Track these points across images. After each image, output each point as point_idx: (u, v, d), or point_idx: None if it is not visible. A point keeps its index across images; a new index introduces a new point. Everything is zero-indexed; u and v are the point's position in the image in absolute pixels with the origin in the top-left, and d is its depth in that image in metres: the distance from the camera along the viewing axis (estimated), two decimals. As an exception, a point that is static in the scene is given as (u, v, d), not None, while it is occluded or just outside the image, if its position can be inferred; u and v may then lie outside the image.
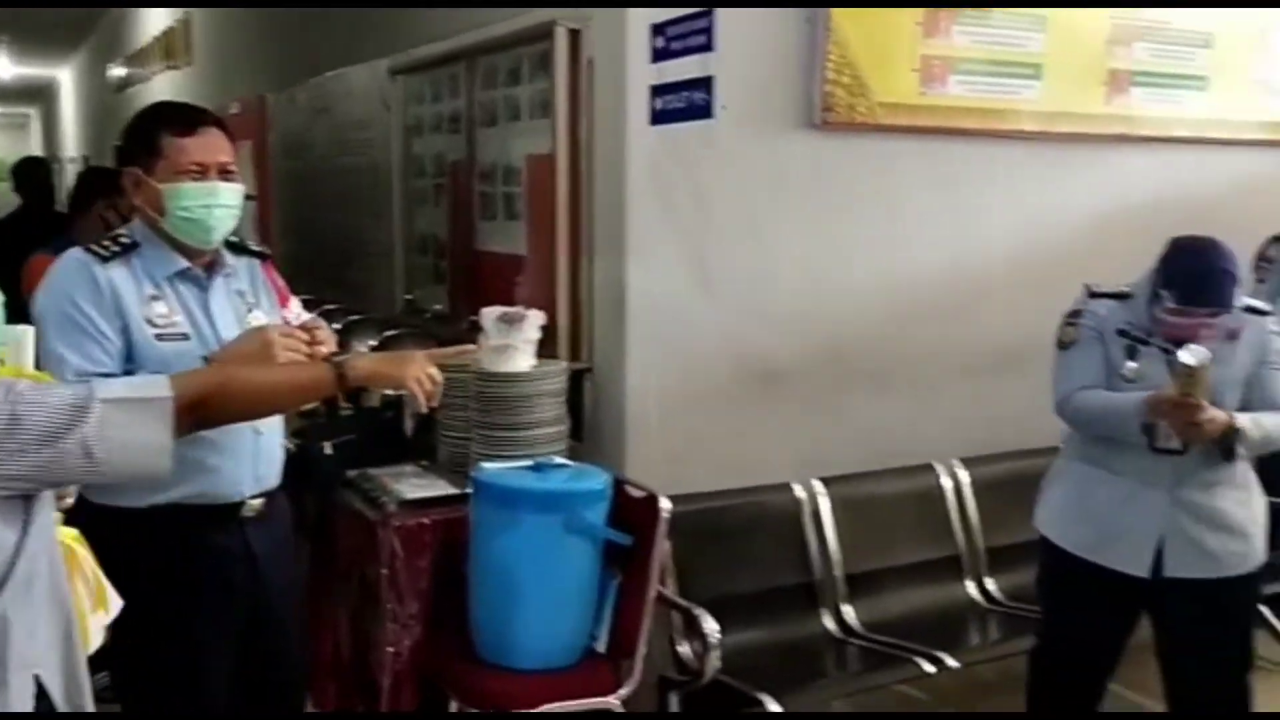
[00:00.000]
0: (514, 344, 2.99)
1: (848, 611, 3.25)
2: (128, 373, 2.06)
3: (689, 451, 3.22)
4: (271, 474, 2.29)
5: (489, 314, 3.03)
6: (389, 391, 2.88)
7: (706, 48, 2.72)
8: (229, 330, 2.19)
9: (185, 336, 2.15)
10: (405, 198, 4.43)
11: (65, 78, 17.04)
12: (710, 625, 2.73)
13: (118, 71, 11.54)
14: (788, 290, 3.35)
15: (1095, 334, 2.57)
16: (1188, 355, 2.27)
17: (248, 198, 2.41)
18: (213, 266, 2.24)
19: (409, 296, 4.42)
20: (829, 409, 3.46)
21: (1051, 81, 3.65)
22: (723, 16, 2.80)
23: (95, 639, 1.62)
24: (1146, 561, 2.50)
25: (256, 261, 2.38)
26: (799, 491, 3.29)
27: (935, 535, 3.48)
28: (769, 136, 3.25)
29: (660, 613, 2.89)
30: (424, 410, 2.04)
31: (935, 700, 3.36)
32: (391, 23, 4.53)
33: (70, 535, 1.61)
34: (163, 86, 9.33)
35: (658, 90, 2.93)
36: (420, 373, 1.94)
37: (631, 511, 2.75)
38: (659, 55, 2.89)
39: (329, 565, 2.99)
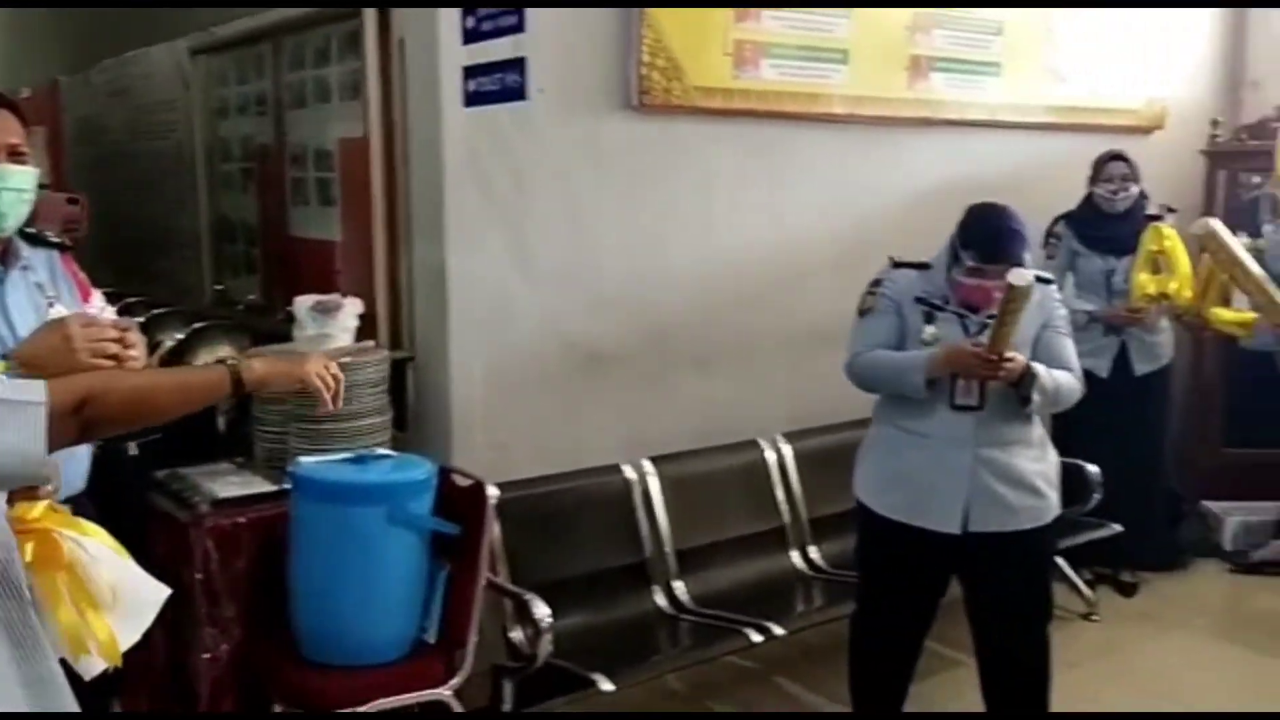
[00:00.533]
0: (331, 333, 2.90)
1: (679, 588, 3.31)
2: None
3: (516, 437, 3.21)
4: (76, 478, 2.14)
5: (303, 303, 2.93)
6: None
7: (518, 29, 2.69)
8: (27, 327, 2.03)
9: None
10: (211, 183, 4.24)
11: None
12: (541, 610, 2.72)
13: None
14: (610, 273, 3.36)
15: (893, 303, 2.72)
16: (1017, 277, 2.40)
17: (41, 186, 2.24)
18: (5, 258, 2.08)
19: (219, 287, 4.23)
20: (655, 390, 3.50)
21: (857, 66, 3.78)
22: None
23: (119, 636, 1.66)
24: (956, 519, 2.63)
25: (55, 253, 2.21)
26: (628, 472, 3.32)
27: (761, 508, 3.57)
28: (586, 119, 3.25)
29: (492, 600, 2.87)
30: (331, 409, 1.95)
31: (765, 668, 3.47)
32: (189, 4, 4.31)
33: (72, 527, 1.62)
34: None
35: (470, 72, 2.88)
36: (321, 369, 1.88)
37: (459, 500, 2.71)
38: (470, 36, 2.84)
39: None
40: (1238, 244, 2.43)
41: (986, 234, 2.60)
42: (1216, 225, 2.35)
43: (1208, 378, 4.87)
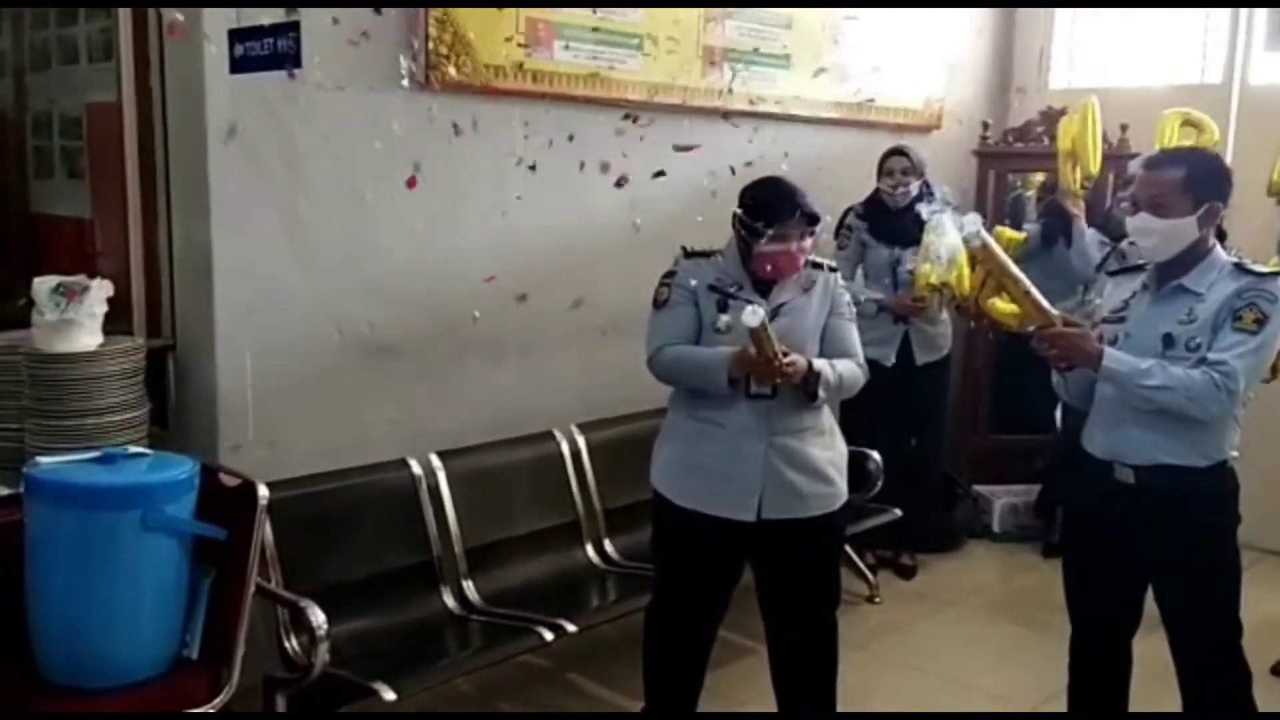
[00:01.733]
0: (75, 319, 2.61)
1: (468, 587, 3.18)
2: None
3: (290, 433, 3.00)
4: None
5: (42, 285, 2.63)
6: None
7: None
8: None
9: None
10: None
11: None
12: (317, 617, 2.53)
13: None
14: (394, 258, 3.19)
15: (688, 293, 2.69)
16: (749, 317, 2.44)
17: None
18: None
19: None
20: (443, 382, 3.35)
21: (652, 53, 3.74)
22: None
23: None
24: (752, 507, 2.63)
25: None
26: (415, 467, 3.16)
27: (555, 502, 3.49)
28: (367, 95, 3.07)
29: (264, 608, 2.66)
30: None
31: (556, 665, 3.39)
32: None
33: None
34: None
35: (238, 35, 2.65)
36: None
37: (225, 501, 2.48)
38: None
39: None
40: (1000, 250, 2.55)
41: (777, 196, 2.64)
42: (984, 235, 2.47)
43: (979, 366, 5.13)
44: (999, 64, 5.43)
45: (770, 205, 2.62)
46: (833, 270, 2.80)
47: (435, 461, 3.20)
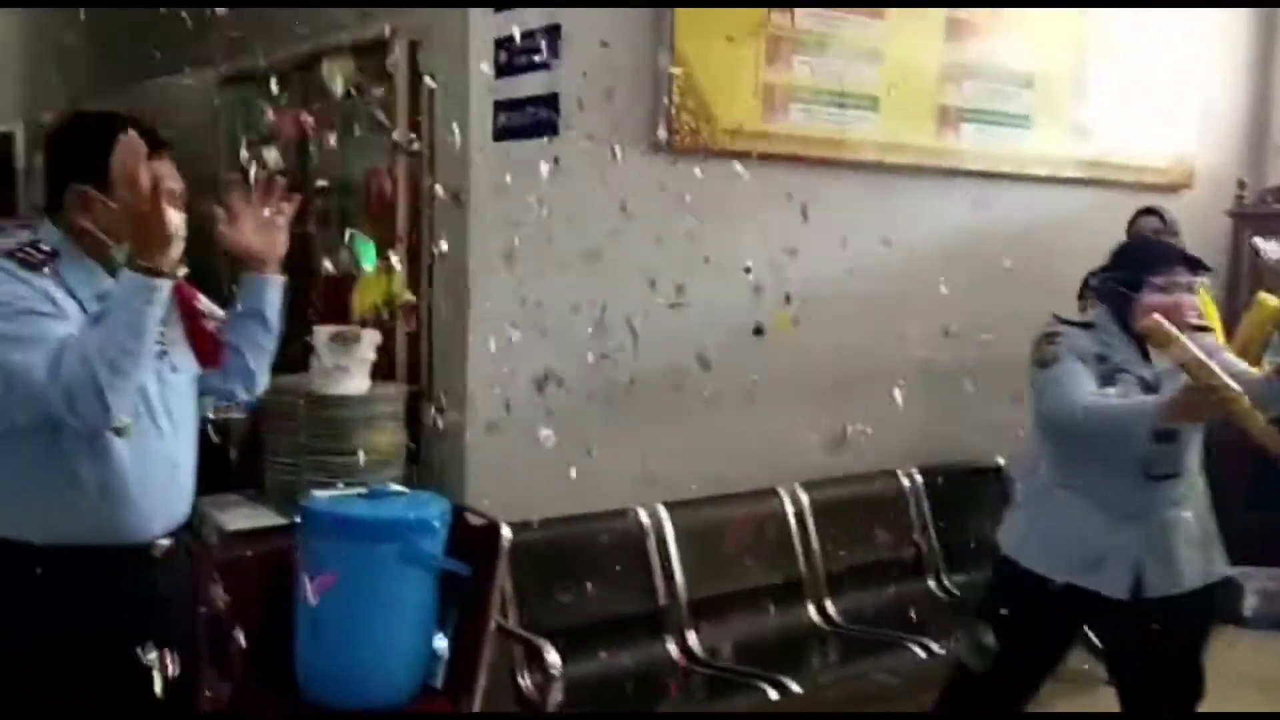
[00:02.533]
0: (348, 365, 2.85)
1: (692, 638, 3.23)
2: None
3: (531, 477, 3.14)
4: (184, 510, 2.05)
5: (321, 333, 2.89)
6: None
7: (550, 64, 2.67)
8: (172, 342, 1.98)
9: None
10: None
11: None
12: (552, 657, 2.65)
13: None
14: (631, 310, 3.31)
15: (1074, 355, 2.49)
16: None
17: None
18: None
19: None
20: (673, 431, 3.44)
21: (886, 114, 3.75)
22: (568, 39, 2.77)
23: None
24: (1126, 584, 2.48)
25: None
26: (643, 517, 3.25)
27: (777, 559, 3.50)
28: (611, 156, 3.22)
29: (501, 645, 2.79)
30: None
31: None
32: (221, 31, 4.32)
33: None
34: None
35: (501, 106, 2.86)
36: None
37: (471, 540, 2.65)
38: (503, 70, 2.82)
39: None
40: (1187, 340, 2.32)
41: (1159, 243, 2.57)
42: (1160, 320, 2.28)
43: (1230, 438, 4.78)
44: (1257, 117, 5.12)
45: (1153, 251, 2.53)
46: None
47: (662, 512, 3.28)
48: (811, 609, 3.52)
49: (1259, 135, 5.14)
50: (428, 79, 3.02)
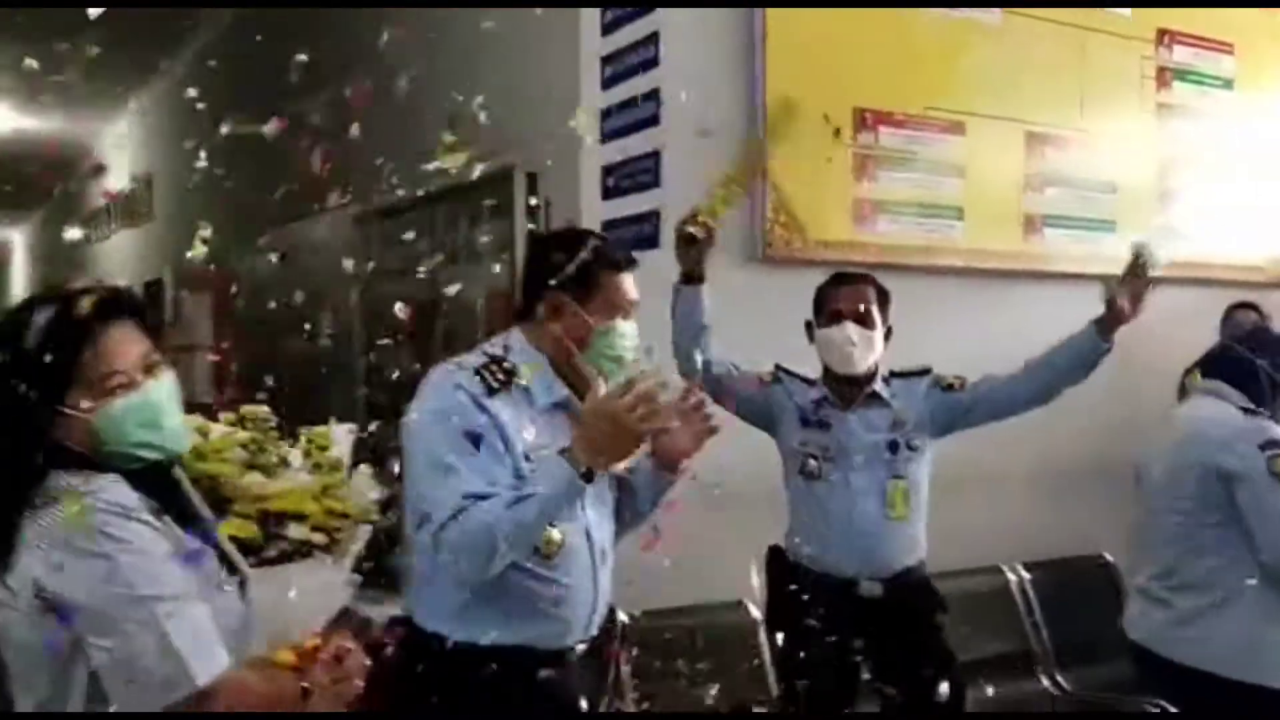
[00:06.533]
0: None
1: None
2: None
3: (647, 566, 3.30)
4: (602, 616, 2.11)
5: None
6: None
7: (654, 185, 2.96)
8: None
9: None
10: (368, 341, 4.57)
11: (17, 240, 17.21)
12: (670, 739, 2.76)
13: (74, 233, 11.74)
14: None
15: None
16: None
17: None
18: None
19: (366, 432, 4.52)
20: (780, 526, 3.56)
21: (972, 221, 3.95)
22: (669, 161, 3.04)
23: None
24: None
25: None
26: (753, 610, 3.37)
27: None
28: (714, 270, 3.46)
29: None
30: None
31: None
32: (355, 173, 4.77)
33: None
34: (120, 244, 9.50)
35: (609, 225, 3.15)
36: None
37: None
38: (609, 193, 3.12)
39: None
40: None
41: None
42: None
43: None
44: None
45: None
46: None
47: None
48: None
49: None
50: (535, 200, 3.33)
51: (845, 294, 2.81)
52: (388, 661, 1.78)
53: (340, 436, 2.65)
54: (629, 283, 2.04)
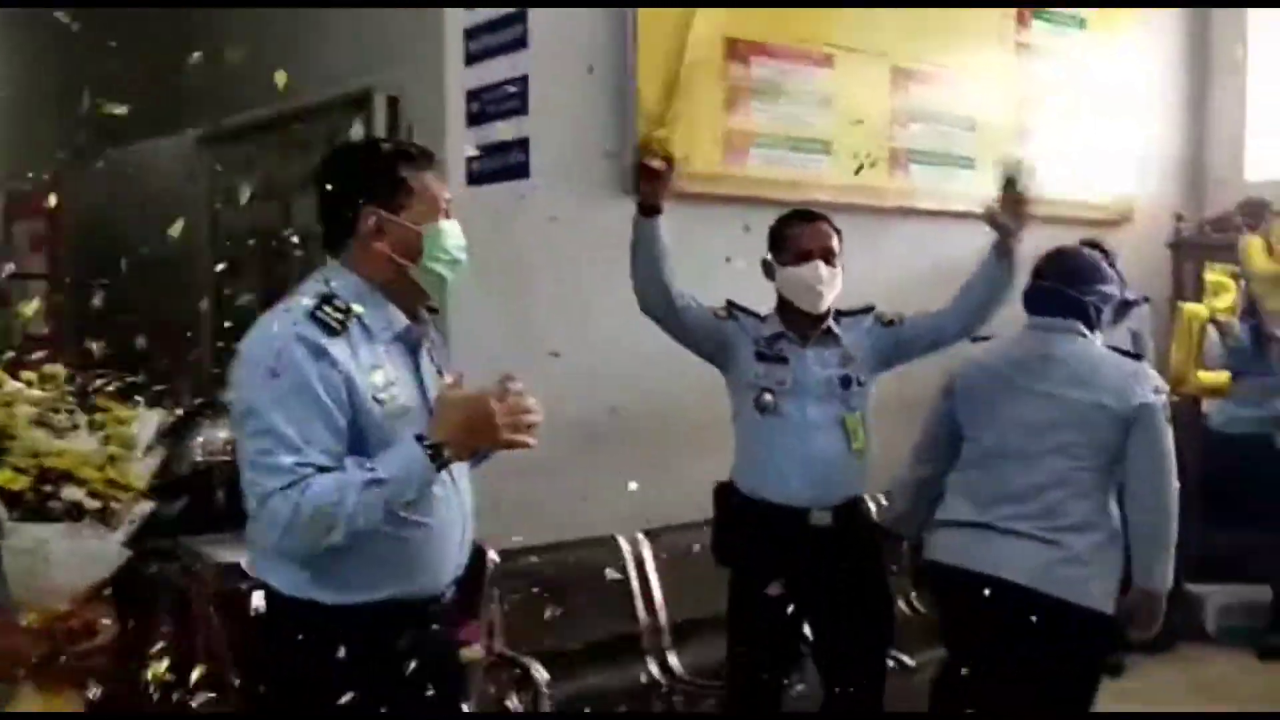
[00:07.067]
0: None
1: (673, 659, 3.33)
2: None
3: (515, 510, 3.25)
4: (467, 556, 2.02)
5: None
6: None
7: (521, 111, 2.85)
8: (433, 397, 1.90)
9: (405, 410, 1.84)
10: (210, 271, 4.33)
11: None
12: (541, 674, 2.75)
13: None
14: (606, 348, 3.45)
15: None
16: None
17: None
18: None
19: (218, 372, 4.30)
20: (653, 466, 3.56)
21: (839, 157, 3.97)
22: (536, 88, 2.94)
23: None
24: None
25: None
26: (624, 545, 3.37)
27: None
28: (584, 203, 3.39)
29: (488, 667, 2.88)
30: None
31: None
32: (199, 92, 4.48)
33: None
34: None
35: (475, 153, 3.03)
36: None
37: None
38: (474, 119, 2.99)
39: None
40: None
41: None
42: None
43: (1189, 463, 4.97)
44: (1193, 153, 5.40)
45: None
46: None
47: (642, 540, 3.41)
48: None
49: (1195, 171, 5.42)
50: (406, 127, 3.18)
51: (811, 233, 2.83)
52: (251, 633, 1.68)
53: (146, 418, 2.50)
54: (439, 180, 1.94)
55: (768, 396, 2.76)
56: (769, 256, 2.90)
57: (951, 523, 2.73)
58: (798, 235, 2.84)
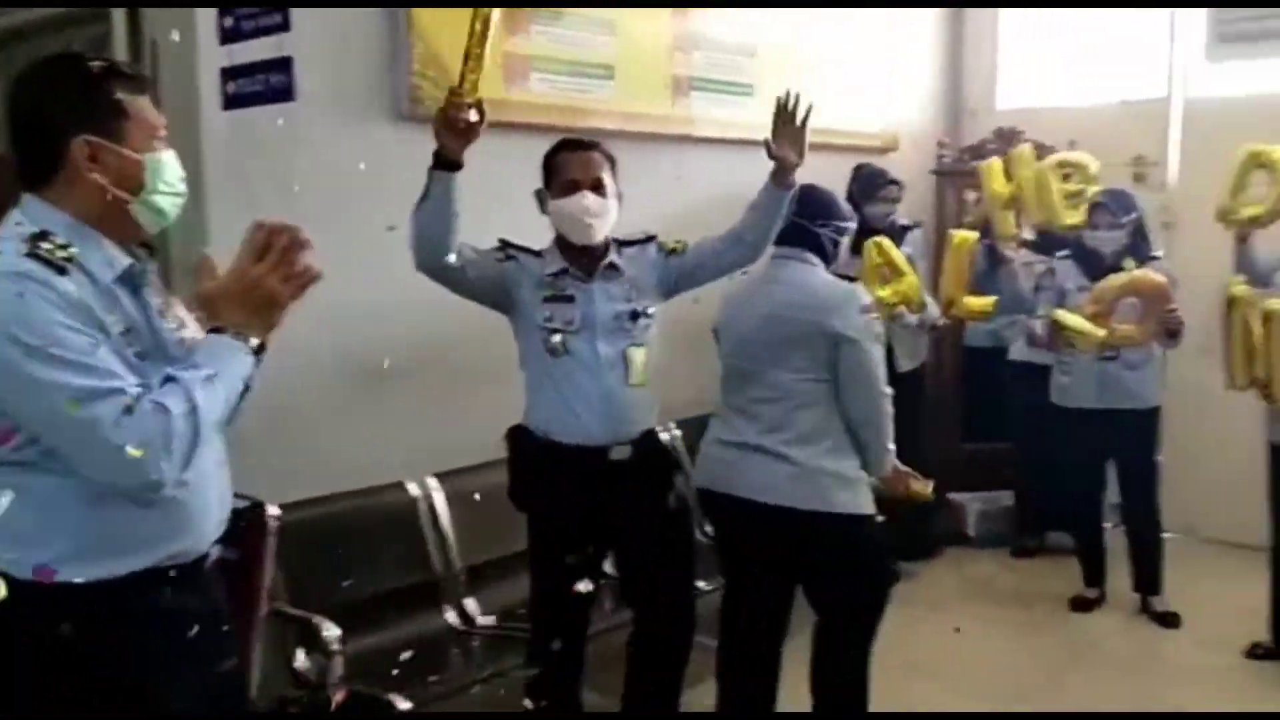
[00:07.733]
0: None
1: (470, 604, 3.24)
2: None
3: (294, 457, 3.06)
4: (228, 513, 1.90)
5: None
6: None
7: (282, 28, 2.61)
8: (172, 340, 1.75)
9: (144, 356, 1.67)
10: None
11: None
12: (331, 632, 2.60)
13: None
14: (385, 286, 3.27)
15: None
16: None
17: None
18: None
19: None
20: (439, 404, 3.43)
21: (623, 83, 3.89)
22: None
23: None
24: None
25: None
26: (413, 489, 3.23)
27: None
28: (356, 127, 3.17)
29: (270, 628, 2.71)
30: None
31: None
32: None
33: None
34: None
35: (230, 73, 2.76)
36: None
37: (234, 522, 2.54)
38: (228, 36, 2.72)
39: None
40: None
41: None
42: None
43: (946, 378, 5.28)
44: (951, 86, 5.65)
45: None
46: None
47: (432, 483, 3.28)
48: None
49: (954, 102, 5.68)
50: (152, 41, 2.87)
51: (580, 162, 2.72)
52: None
53: None
54: (154, 105, 1.74)
55: (557, 338, 2.68)
56: (541, 188, 2.76)
57: (712, 443, 2.89)
58: (566, 165, 2.75)
